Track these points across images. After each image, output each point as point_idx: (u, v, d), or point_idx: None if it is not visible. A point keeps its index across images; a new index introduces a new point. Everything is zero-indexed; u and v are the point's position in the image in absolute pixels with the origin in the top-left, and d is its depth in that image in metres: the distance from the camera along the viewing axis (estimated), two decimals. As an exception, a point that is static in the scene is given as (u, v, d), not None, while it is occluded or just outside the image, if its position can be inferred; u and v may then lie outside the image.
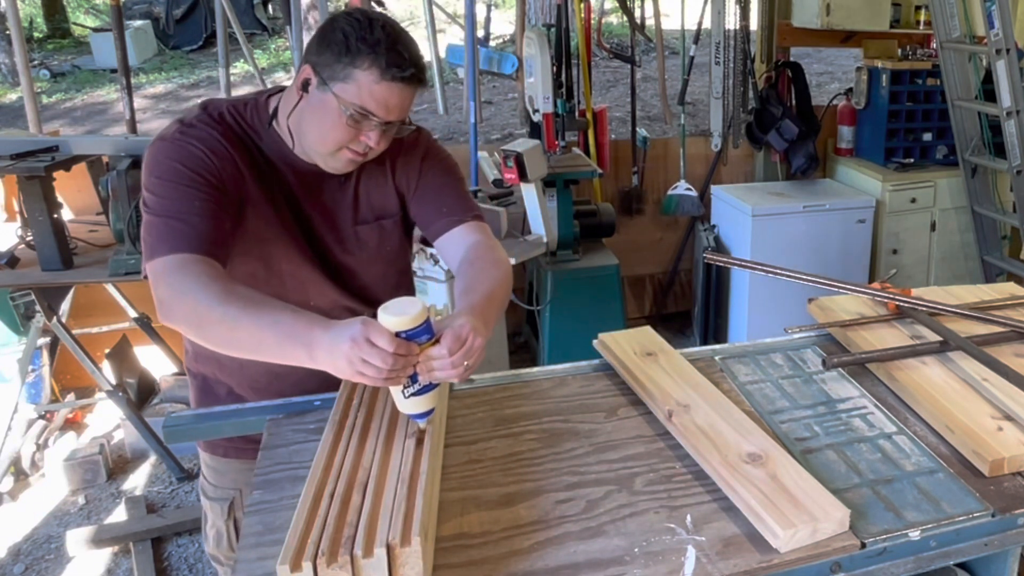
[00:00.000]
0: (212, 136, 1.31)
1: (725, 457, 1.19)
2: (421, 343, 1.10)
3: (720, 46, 4.02)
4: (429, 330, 1.11)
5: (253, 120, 1.37)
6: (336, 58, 1.25)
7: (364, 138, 1.30)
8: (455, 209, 1.46)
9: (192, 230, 1.22)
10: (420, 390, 1.13)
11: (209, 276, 1.18)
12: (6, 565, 2.68)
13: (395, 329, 1.07)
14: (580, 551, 1.05)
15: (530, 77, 3.38)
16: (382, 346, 1.04)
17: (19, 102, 7.33)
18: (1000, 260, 3.88)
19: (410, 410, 1.16)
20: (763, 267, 1.74)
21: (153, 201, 1.26)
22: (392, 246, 1.52)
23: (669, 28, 5.34)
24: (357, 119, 1.27)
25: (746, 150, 4.34)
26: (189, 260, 1.20)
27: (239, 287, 1.18)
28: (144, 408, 3.29)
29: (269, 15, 11.36)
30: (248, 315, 1.12)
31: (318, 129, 1.30)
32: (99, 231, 3.00)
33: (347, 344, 1.04)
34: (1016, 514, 1.17)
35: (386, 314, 1.08)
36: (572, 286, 3.36)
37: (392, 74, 1.24)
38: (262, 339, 1.12)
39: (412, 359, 1.08)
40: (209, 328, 1.16)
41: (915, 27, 4.15)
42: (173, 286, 1.18)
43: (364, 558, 0.92)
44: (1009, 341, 1.63)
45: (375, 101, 1.26)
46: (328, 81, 1.26)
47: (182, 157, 1.27)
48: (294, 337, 1.09)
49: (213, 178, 1.27)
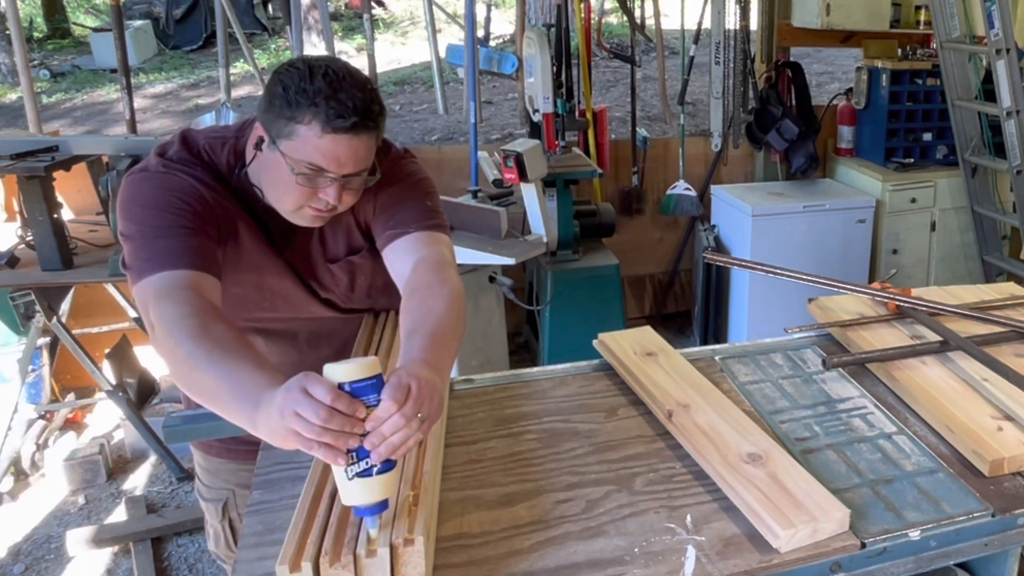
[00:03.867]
0: (195, 170, 1.27)
1: (725, 457, 1.19)
2: (369, 404, 0.91)
3: (720, 46, 4.02)
4: (380, 389, 0.92)
5: (230, 159, 1.32)
6: (279, 114, 1.18)
7: (322, 195, 1.22)
8: (403, 221, 1.35)
9: (181, 246, 1.16)
10: (367, 471, 0.91)
11: (192, 307, 1.09)
12: (6, 565, 2.68)
13: (338, 380, 0.91)
14: (580, 551, 1.06)
15: (530, 77, 3.39)
16: (318, 397, 0.89)
17: (19, 102, 7.33)
18: (1000, 260, 3.88)
19: (356, 499, 0.93)
20: (763, 267, 1.74)
21: (135, 229, 1.19)
22: (366, 277, 1.46)
23: (669, 28, 5.34)
24: (310, 176, 1.20)
25: (746, 150, 4.34)
26: (179, 278, 1.13)
27: (217, 326, 1.07)
28: (144, 408, 3.29)
29: (269, 15, 11.36)
30: (210, 361, 1.02)
31: (274, 189, 1.25)
32: (99, 231, 3.00)
33: (280, 394, 0.91)
34: (1016, 514, 1.17)
35: (331, 366, 0.93)
36: (572, 286, 3.36)
37: (335, 125, 1.16)
38: (215, 390, 1.02)
39: (354, 420, 0.90)
40: (176, 365, 1.07)
41: (915, 27, 4.15)
42: (158, 312, 1.10)
43: (367, 558, 0.92)
44: (1009, 341, 1.63)
45: (322, 156, 1.18)
46: (276, 139, 1.19)
47: (168, 186, 1.22)
48: (244, 394, 0.97)
49: (199, 206, 1.22)
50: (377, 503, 0.94)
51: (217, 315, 1.11)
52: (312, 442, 0.89)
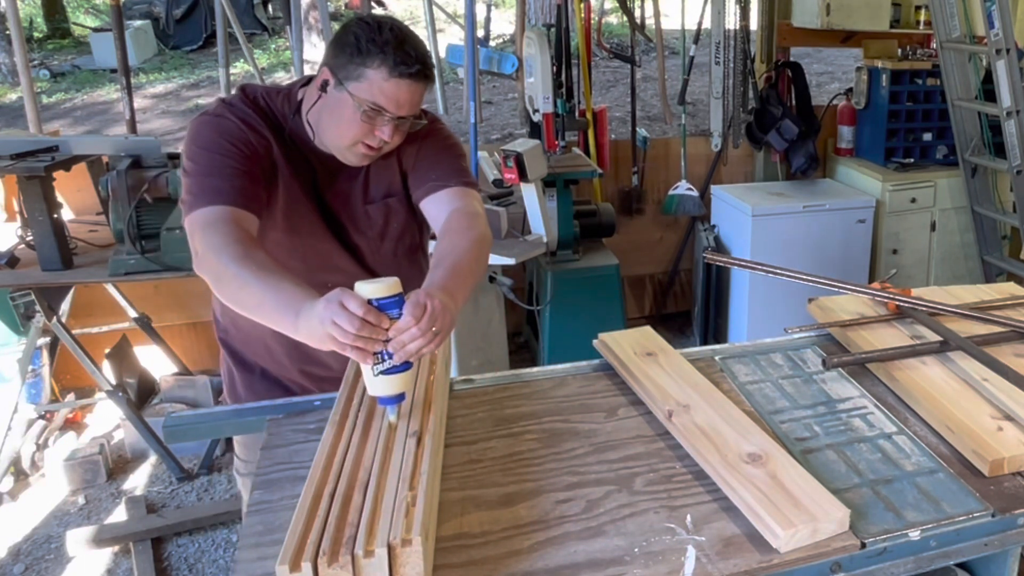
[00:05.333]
0: (249, 114, 1.44)
1: (725, 457, 1.19)
2: (392, 316, 1.13)
3: (720, 46, 4.02)
4: (401, 305, 1.14)
5: (283, 107, 1.49)
6: (349, 59, 1.36)
7: (378, 132, 1.41)
8: (442, 176, 1.54)
9: (227, 186, 1.34)
10: (390, 369, 1.14)
11: (235, 236, 1.28)
12: (6, 565, 2.68)
13: (367, 296, 1.12)
14: (580, 551, 1.06)
15: (530, 77, 3.39)
16: (352, 309, 1.10)
17: (19, 102, 7.33)
18: (1000, 260, 3.88)
19: (379, 391, 1.17)
20: (763, 267, 1.74)
21: (192, 166, 1.38)
22: (399, 223, 1.60)
23: (669, 28, 5.34)
24: (371, 115, 1.38)
25: (746, 150, 4.34)
26: (223, 213, 1.32)
27: (258, 253, 1.28)
28: (144, 408, 3.29)
29: (269, 15, 11.36)
30: (256, 279, 1.22)
31: (336, 125, 1.42)
32: (99, 231, 3.00)
33: (321, 305, 1.12)
34: (1016, 514, 1.17)
35: (361, 284, 1.14)
36: (572, 286, 3.36)
37: (400, 71, 1.35)
38: (262, 301, 1.22)
39: (380, 330, 1.11)
40: (224, 284, 1.27)
41: (915, 27, 4.15)
42: (205, 241, 1.29)
43: (365, 558, 0.92)
44: (1009, 341, 1.63)
45: (386, 97, 1.37)
46: (343, 81, 1.38)
47: (222, 130, 1.40)
48: (287, 304, 1.18)
49: (247, 149, 1.40)
50: (396, 395, 1.18)
51: (256, 244, 1.32)
52: (346, 345, 1.10)
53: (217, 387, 3.42)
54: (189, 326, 3.73)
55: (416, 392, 1.28)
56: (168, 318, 3.65)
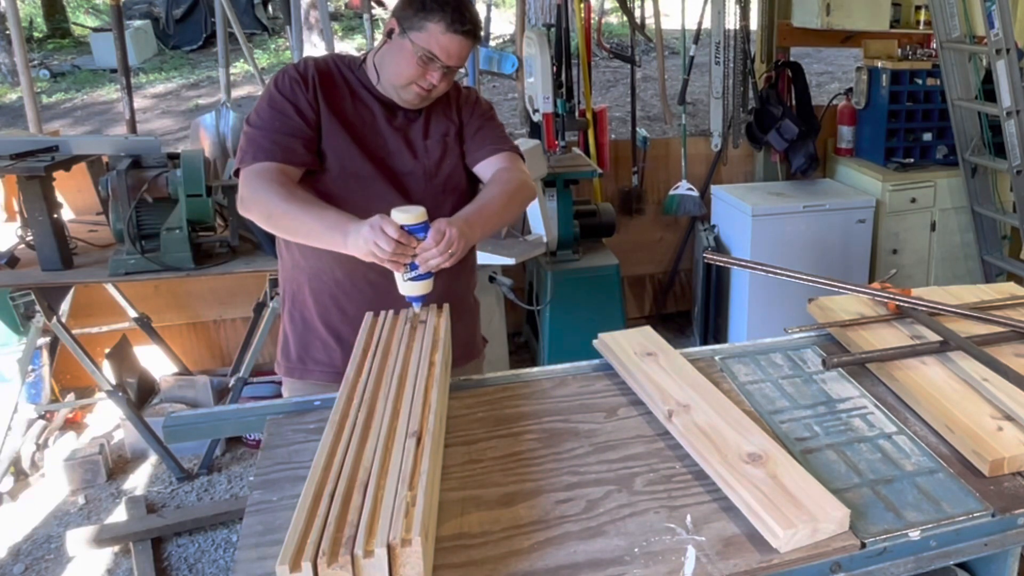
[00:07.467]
0: (309, 73, 1.68)
1: (725, 457, 1.19)
2: (420, 238, 1.45)
3: (720, 46, 4.02)
4: (427, 230, 1.45)
5: (351, 64, 1.77)
6: (414, 12, 1.62)
7: (429, 76, 1.65)
8: (496, 140, 1.82)
9: (274, 145, 1.60)
10: (417, 276, 1.48)
11: (279, 182, 1.56)
12: (6, 565, 2.68)
13: (400, 222, 1.43)
14: (580, 551, 1.06)
15: (530, 77, 3.39)
16: (389, 232, 1.41)
17: (19, 102, 7.33)
18: (1000, 260, 3.88)
19: (408, 292, 1.51)
20: (763, 267, 1.74)
21: (255, 119, 1.65)
22: (452, 161, 1.80)
23: (669, 28, 5.35)
24: (425, 60, 1.62)
25: (746, 150, 4.34)
26: (268, 167, 1.58)
27: (299, 191, 1.57)
28: (144, 408, 3.29)
29: (269, 15, 11.37)
30: (304, 211, 1.51)
31: (396, 66, 1.66)
32: (99, 231, 3.00)
33: (366, 228, 1.43)
34: (1016, 514, 1.17)
35: (396, 211, 1.45)
36: (572, 286, 3.36)
37: (455, 28, 1.60)
38: (312, 227, 1.51)
39: (410, 248, 1.44)
40: (275, 219, 1.56)
41: (915, 27, 4.14)
42: (251, 187, 1.57)
43: (364, 558, 0.92)
44: (1009, 341, 1.63)
45: (440, 47, 1.61)
46: (407, 30, 1.63)
47: (281, 88, 1.66)
48: (335, 227, 1.47)
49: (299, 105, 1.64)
50: (421, 295, 1.53)
51: (297, 187, 1.59)
52: (384, 259, 1.43)
53: (217, 387, 3.43)
54: (189, 326, 3.73)
55: (416, 392, 1.29)
56: (168, 318, 3.65)
